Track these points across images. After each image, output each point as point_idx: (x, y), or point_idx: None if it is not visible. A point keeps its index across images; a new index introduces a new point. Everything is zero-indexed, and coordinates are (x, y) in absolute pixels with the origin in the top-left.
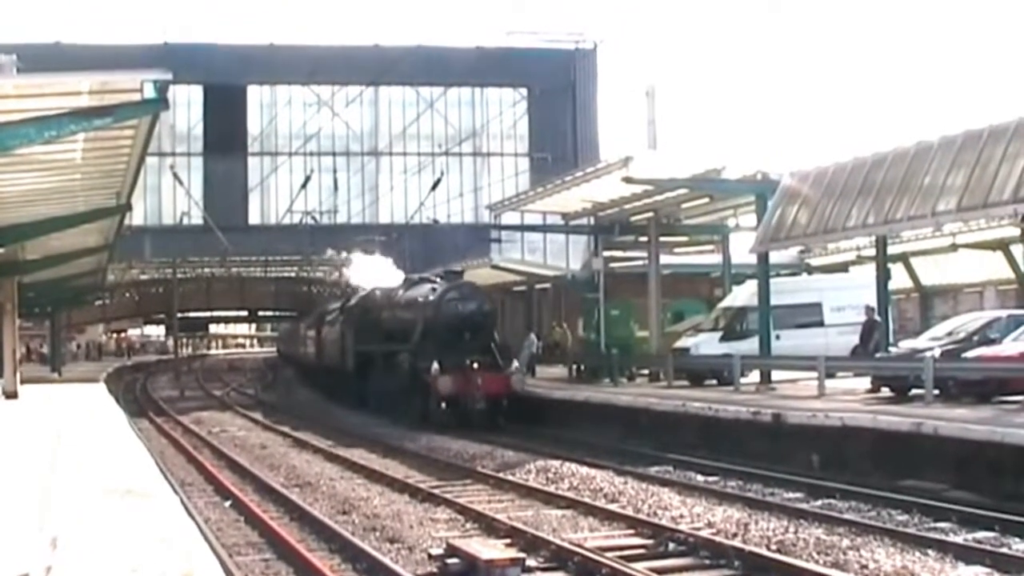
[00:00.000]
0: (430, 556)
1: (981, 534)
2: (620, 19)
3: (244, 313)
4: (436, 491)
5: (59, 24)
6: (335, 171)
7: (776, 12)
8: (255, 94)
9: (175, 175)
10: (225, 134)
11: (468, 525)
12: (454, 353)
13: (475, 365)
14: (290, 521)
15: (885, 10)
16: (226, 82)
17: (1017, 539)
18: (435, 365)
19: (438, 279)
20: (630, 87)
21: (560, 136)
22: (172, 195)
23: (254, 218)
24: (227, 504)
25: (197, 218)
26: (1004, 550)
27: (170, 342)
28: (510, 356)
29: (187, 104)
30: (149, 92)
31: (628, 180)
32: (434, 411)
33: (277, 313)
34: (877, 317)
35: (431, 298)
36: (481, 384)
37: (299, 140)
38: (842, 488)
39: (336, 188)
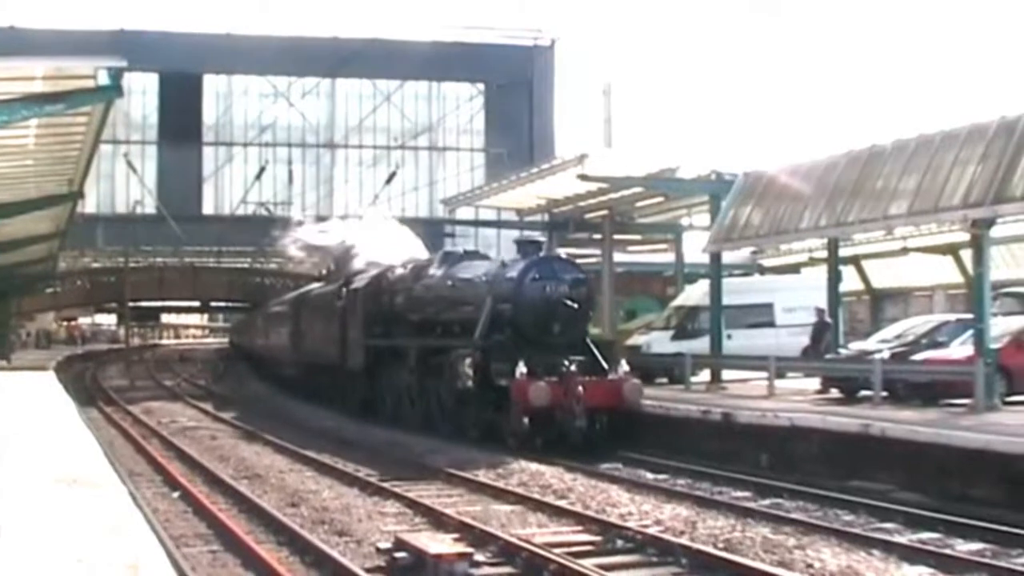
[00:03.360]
0: (378, 550)
1: (926, 535)
2: (578, 17)
3: (196, 304)
4: (386, 485)
5: (14, 8)
6: (290, 163)
7: (732, 12)
8: (211, 83)
9: (129, 163)
10: (180, 123)
11: (417, 519)
12: (539, 351)
13: (573, 368)
14: (239, 513)
15: (843, 10)
16: (182, 70)
17: (961, 540)
18: (520, 367)
19: (490, 256)
20: (587, 85)
21: (516, 132)
22: (125, 183)
23: (208, 208)
24: (175, 495)
25: (150, 207)
26: (948, 551)
27: (121, 331)
28: (615, 356)
29: (142, 92)
30: (103, 79)
31: (583, 177)
32: (514, 428)
33: (230, 304)
34: (828, 318)
35: (506, 277)
36: (583, 394)
37: (254, 131)
38: (790, 488)
39: (291, 180)
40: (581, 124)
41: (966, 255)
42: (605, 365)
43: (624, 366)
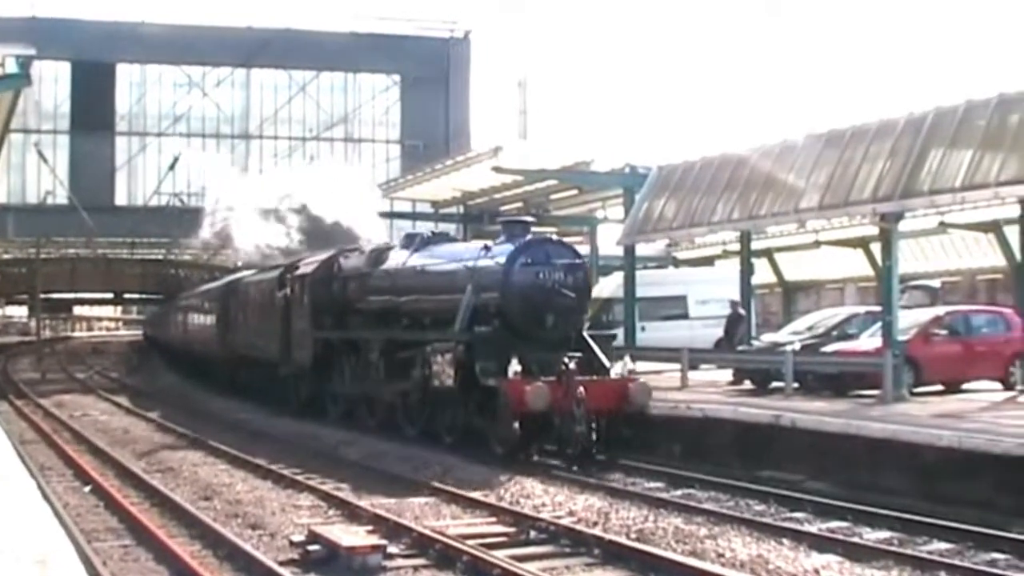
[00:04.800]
0: (292, 543)
1: (834, 523)
2: (492, 9)
3: (110, 295)
4: (300, 477)
5: None
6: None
7: (646, 4)
8: (124, 72)
9: (39, 153)
10: (92, 112)
11: (331, 512)
12: (531, 346)
13: (572, 366)
14: (151, 507)
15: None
16: (95, 59)
17: (868, 528)
18: (514, 365)
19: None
20: (503, 77)
21: (432, 124)
22: (36, 173)
23: (121, 199)
24: (87, 489)
25: (62, 197)
26: (856, 539)
27: (33, 323)
28: (613, 351)
29: (54, 80)
30: (11, 67)
31: (498, 170)
32: (503, 434)
33: (144, 296)
34: (741, 311)
35: (493, 263)
36: (584, 395)
37: (168, 120)
38: (702, 478)
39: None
40: (497, 116)
41: (876, 248)
42: (606, 363)
43: (628, 363)
